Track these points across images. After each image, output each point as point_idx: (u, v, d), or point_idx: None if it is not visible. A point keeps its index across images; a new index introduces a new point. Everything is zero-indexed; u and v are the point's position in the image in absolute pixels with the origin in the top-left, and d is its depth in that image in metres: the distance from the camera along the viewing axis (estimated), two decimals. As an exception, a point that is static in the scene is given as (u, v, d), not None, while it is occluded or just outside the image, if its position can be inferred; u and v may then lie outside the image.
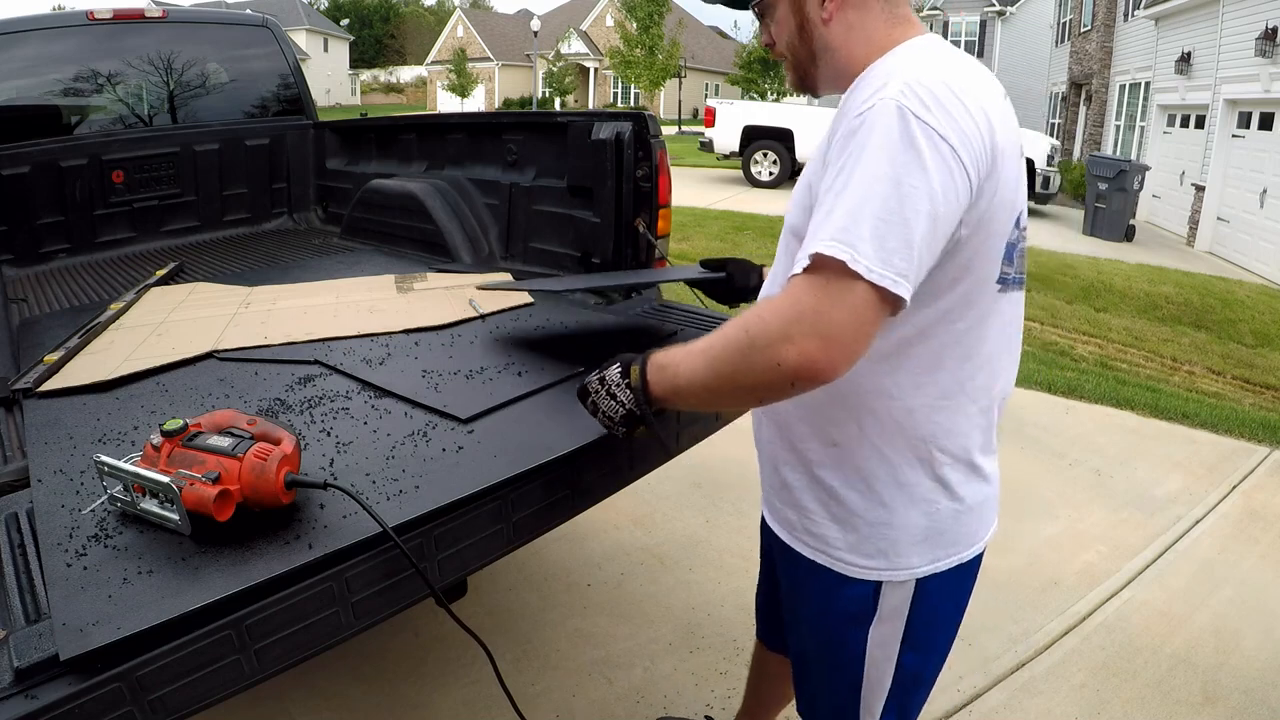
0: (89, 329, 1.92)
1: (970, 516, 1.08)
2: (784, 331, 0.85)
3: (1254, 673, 2.21)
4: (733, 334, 0.91)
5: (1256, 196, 9.56)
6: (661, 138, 2.13)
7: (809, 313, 0.84)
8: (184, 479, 1.00)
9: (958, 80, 0.91)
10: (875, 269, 0.82)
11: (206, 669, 0.88)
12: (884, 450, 1.04)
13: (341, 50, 48.05)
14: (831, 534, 1.10)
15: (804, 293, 0.85)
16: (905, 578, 1.08)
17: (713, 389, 0.96)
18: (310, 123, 3.58)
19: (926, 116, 0.86)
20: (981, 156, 0.89)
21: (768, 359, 0.86)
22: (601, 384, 1.09)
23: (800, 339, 0.84)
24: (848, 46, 1.03)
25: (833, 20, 1.03)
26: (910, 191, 0.84)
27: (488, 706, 1.98)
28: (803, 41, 1.07)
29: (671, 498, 3.04)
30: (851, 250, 0.83)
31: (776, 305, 0.87)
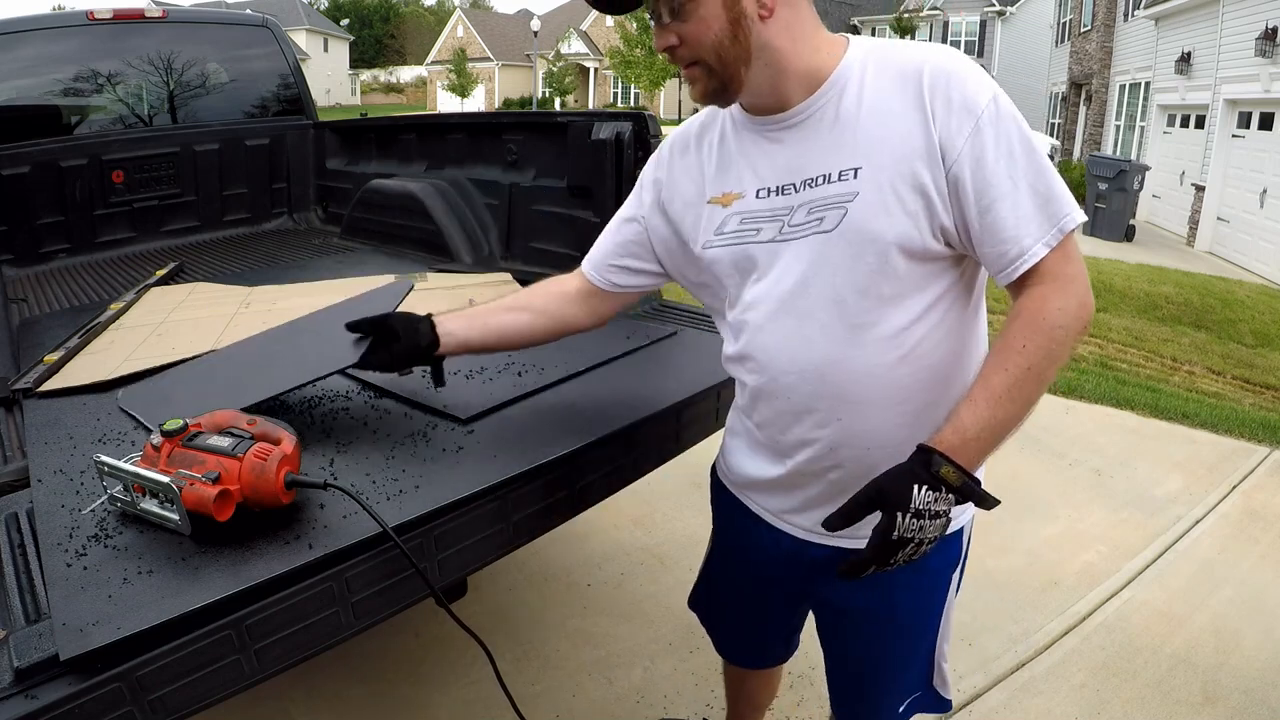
0: (89, 329, 1.92)
1: None
2: (1080, 295, 0.95)
3: (1254, 673, 2.21)
4: (1037, 353, 0.93)
5: (1256, 196, 9.56)
6: (661, 138, 2.13)
7: (1079, 270, 0.96)
8: (184, 479, 1.00)
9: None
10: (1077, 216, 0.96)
11: (206, 669, 0.88)
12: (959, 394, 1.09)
13: (341, 50, 48.05)
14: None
15: (1069, 265, 0.95)
16: (970, 515, 1.20)
17: (1031, 406, 0.96)
18: (310, 123, 3.58)
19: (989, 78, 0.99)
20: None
21: (1072, 327, 0.94)
22: (917, 517, 0.90)
23: (1087, 294, 0.96)
24: (789, 46, 0.99)
25: (772, 17, 0.98)
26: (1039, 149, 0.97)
27: (488, 706, 1.98)
28: (736, 40, 0.98)
29: (671, 498, 3.04)
30: (1073, 211, 0.96)
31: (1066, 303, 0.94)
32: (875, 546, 0.90)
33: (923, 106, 0.96)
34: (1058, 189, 0.95)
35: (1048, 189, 0.94)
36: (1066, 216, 0.94)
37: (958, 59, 0.98)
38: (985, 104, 0.94)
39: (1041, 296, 0.94)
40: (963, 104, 0.94)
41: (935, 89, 0.96)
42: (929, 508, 0.89)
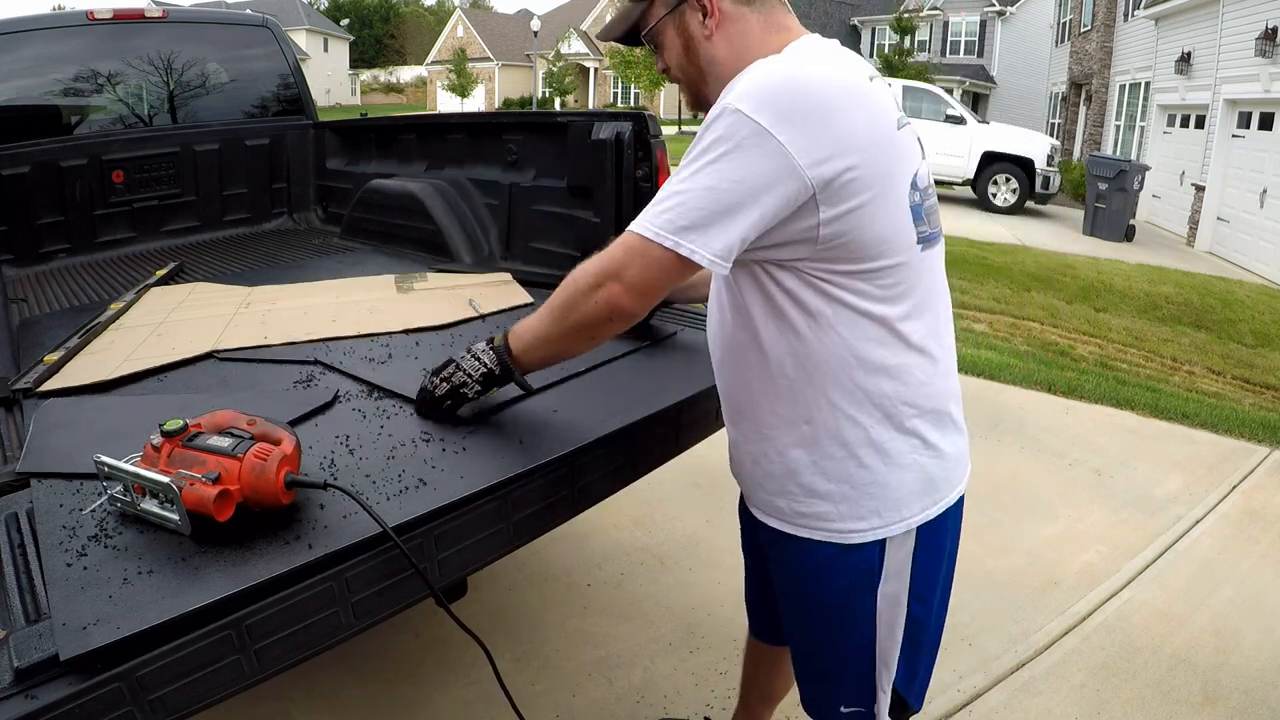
0: (89, 329, 1.92)
1: (950, 462, 1.16)
2: (599, 279, 1.05)
3: (1254, 673, 2.21)
4: (563, 286, 1.11)
5: (1256, 196, 9.56)
6: (661, 138, 2.13)
7: (617, 266, 1.04)
8: (184, 479, 1.00)
9: (804, 77, 1.00)
10: (689, 248, 0.99)
11: (206, 669, 0.88)
12: (855, 415, 1.09)
13: (341, 50, 48.04)
14: (824, 508, 1.14)
15: (621, 253, 1.04)
16: (905, 529, 1.13)
17: (559, 339, 1.16)
18: (310, 123, 3.58)
19: (763, 119, 0.96)
20: (811, 148, 0.96)
21: (588, 304, 1.07)
22: (467, 352, 1.25)
23: (610, 285, 1.04)
24: (730, 58, 1.10)
25: (714, 35, 1.11)
26: (731, 182, 0.97)
27: (488, 706, 1.98)
28: (690, 60, 1.14)
29: (671, 498, 3.04)
30: (677, 238, 0.99)
31: (596, 260, 1.07)
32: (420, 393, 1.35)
33: None
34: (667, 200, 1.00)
35: (664, 196, 1.01)
36: (645, 224, 1.01)
37: (755, 77, 1.00)
38: (710, 119, 1.01)
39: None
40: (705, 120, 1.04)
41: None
42: (476, 350, 1.26)
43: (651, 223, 1.00)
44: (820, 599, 1.20)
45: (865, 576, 1.15)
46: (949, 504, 1.16)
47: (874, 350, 1.07)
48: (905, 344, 1.08)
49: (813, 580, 1.20)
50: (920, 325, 1.09)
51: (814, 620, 1.24)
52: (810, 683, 1.32)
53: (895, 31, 26.39)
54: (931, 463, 1.13)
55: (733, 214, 0.97)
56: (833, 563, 1.15)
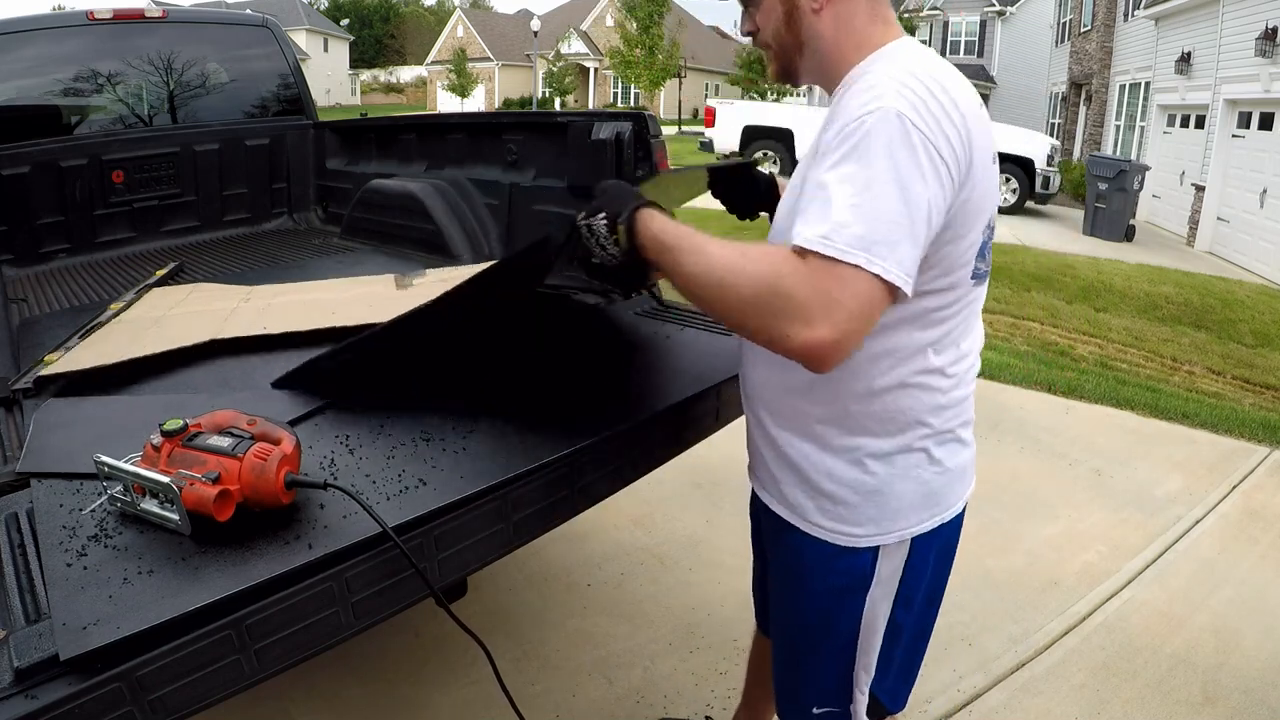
0: (89, 329, 1.92)
1: (953, 477, 1.16)
2: (805, 310, 0.88)
3: (1254, 673, 2.21)
4: (755, 274, 0.92)
5: (1256, 196, 9.56)
6: (661, 138, 2.13)
7: (830, 299, 0.88)
8: (184, 479, 1.00)
9: (946, 89, 0.97)
10: (894, 271, 0.89)
11: (206, 669, 0.88)
12: (868, 424, 1.10)
13: (341, 50, 48.05)
14: (826, 507, 1.16)
15: (827, 278, 0.88)
16: (899, 539, 1.15)
17: (710, 299, 0.98)
18: (310, 123, 3.58)
19: (924, 127, 0.92)
20: (961, 164, 0.96)
21: (779, 328, 0.90)
22: (590, 233, 1.07)
23: (818, 324, 0.88)
24: (835, 37, 1.08)
25: (822, 10, 1.08)
26: (913, 197, 0.91)
27: (487, 706, 1.98)
28: (790, 30, 1.10)
29: (671, 498, 3.04)
30: (868, 255, 0.88)
31: (803, 279, 0.89)
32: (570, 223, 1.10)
33: (830, 116, 1.02)
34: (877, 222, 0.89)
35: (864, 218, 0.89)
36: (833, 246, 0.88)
37: (891, 81, 0.95)
38: (857, 115, 0.94)
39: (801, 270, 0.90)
40: (843, 113, 0.97)
41: (841, 100, 1.02)
42: (598, 233, 1.05)
43: (856, 243, 0.88)
44: (810, 594, 1.22)
45: (856, 580, 1.17)
46: (947, 518, 1.17)
47: (899, 367, 1.07)
48: (930, 367, 1.08)
49: (805, 575, 1.22)
50: (949, 353, 1.10)
51: (800, 614, 1.26)
52: (787, 679, 1.33)
53: (895, 31, 26.34)
54: (935, 477, 1.13)
55: (920, 223, 0.92)
56: (827, 562, 1.17)
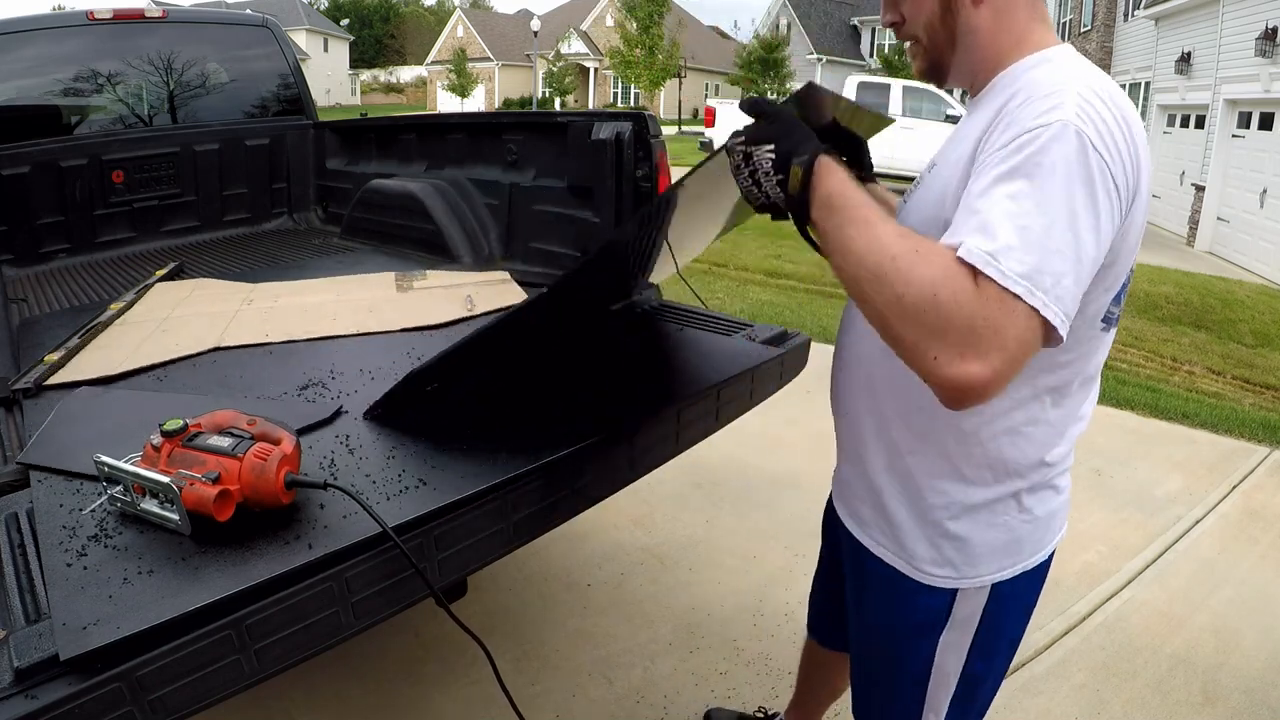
0: (89, 329, 1.92)
1: (1041, 526, 1.09)
2: (963, 335, 0.77)
3: (1254, 673, 2.21)
4: (922, 276, 0.79)
5: (1256, 196, 9.55)
6: (661, 138, 2.13)
7: (993, 331, 0.77)
8: (184, 479, 1.00)
9: (1123, 110, 0.86)
10: (1058, 311, 0.79)
11: (206, 669, 0.88)
12: (962, 468, 1.04)
13: (341, 50, 48.03)
14: (908, 541, 1.11)
15: (996, 307, 0.77)
16: (980, 584, 1.09)
17: (860, 282, 0.84)
18: (310, 123, 3.58)
19: (1104, 151, 0.82)
20: (1128, 197, 0.86)
21: (928, 345, 0.78)
22: (747, 162, 0.92)
23: (974, 356, 0.77)
24: (993, 34, 0.99)
25: (983, 3, 0.98)
26: (1084, 229, 0.80)
27: (487, 706, 1.98)
28: (945, 23, 1.01)
29: (671, 498, 3.04)
30: (1043, 295, 0.78)
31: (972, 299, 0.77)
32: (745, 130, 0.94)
33: (994, 116, 0.90)
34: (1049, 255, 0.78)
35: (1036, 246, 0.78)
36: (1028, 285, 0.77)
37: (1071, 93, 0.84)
38: (1033, 125, 0.82)
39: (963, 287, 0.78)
40: (1017, 120, 0.85)
41: (1012, 103, 0.89)
42: (760, 165, 0.91)
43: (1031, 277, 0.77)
44: (884, 626, 1.19)
45: (930, 619, 1.12)
46: (1031, 565, 1.11)
47: (1014, 412, 1.00)
48: (1043, 419, 1.01)
49: (883, 605, 1.18)
50: (1066, 406, 1.02)
51: (874, 643, 1.23)
52: (861, 698, 1.31)
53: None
54: (1022, 525, 1.07)
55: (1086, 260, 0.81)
56: (903, 598, 1.13)
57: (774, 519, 2.91)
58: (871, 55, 31.13)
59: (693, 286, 2.03)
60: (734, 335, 1.88)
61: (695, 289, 2.08)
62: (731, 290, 6.77)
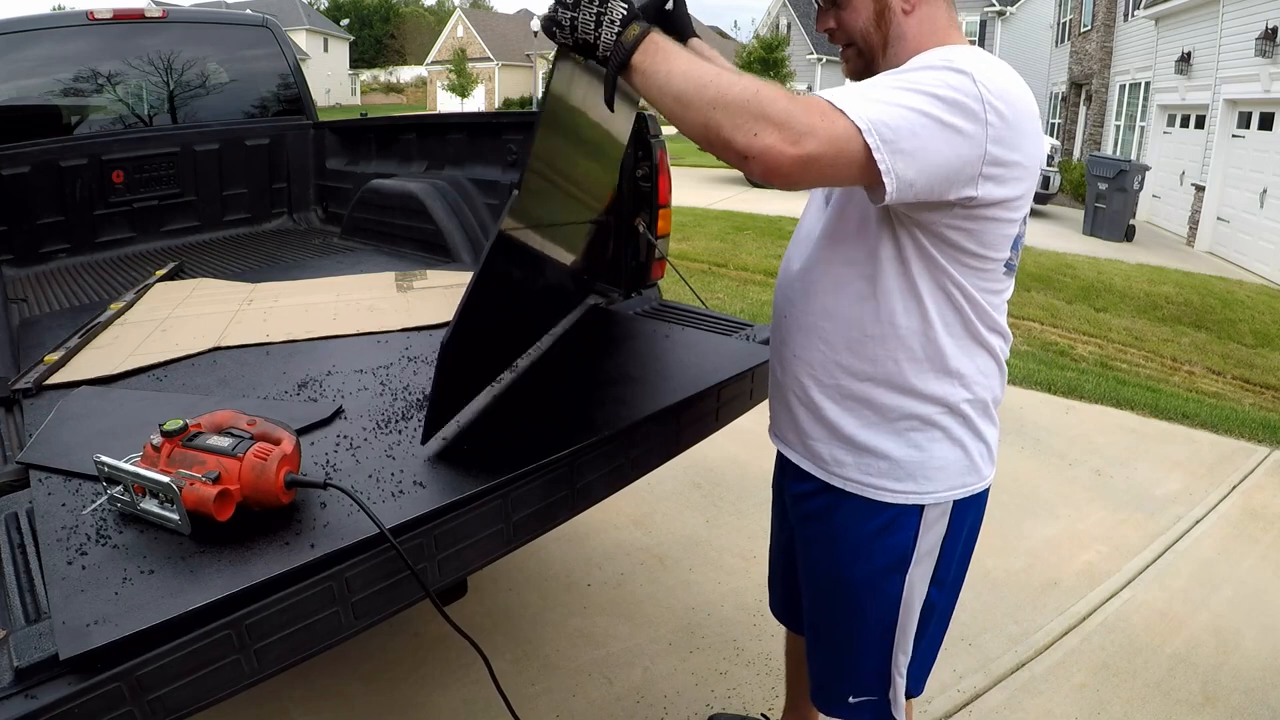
0: (89, 329, 1.92)
1: (987, 449, 1.20)
2: (781, 120, 0.90)
3: (1254, 673, 2.21)
4: (747, 81, 0.93)
5: (1256, 196, 9.55)
6: (661, 138, 2.13)
7: (809, 125, 0.91)
8: (184, 479, 1.00)
9: (1012, 75, 1.00)
10: (881, 150, 0.91)
11: (206, 669, 0.88)
12: (917, 385, 1.13)
13: (341, 50, 48.02)
14: (871, 463, 1.17)
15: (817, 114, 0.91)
16: (940, 501, 1.17)
17: (683, 94, 0.96)
18: (310, 123, 3.58)
19: (983, 80, 0.95)
20: (1010, 130, 0.97)
21: (748, 124, 0.91)
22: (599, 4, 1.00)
23: (787, 137, 0.90)
24: (918, 38, 1.10)
25: (913, 12, 1.10)
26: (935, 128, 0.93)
27: (487, 706, 1.98)
28: (879, 29, 1.12)
29: (671, 498, 3.04)
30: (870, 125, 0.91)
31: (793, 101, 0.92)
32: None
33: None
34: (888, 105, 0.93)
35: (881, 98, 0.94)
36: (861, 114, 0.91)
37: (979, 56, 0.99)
38: (923, 60, 1.00)
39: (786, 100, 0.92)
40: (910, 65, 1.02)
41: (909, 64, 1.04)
42: (614, 10, 0.99)
43: (868, 115, 0.92)
44: (849, 577, 1.23)
45: (898, 557, 1.19)
46: (981, 489, 1.21)
47: (954, 333, 1.12)
48: (982, 341, 1.14)
49: (846, 557, 1.23)
50: (995, 333, 1.15)
51: (838, 600, 1.26)
52: (823, 668, 1.33)
53: (895, 31, 26.36)
54: (975, 445, 1.18)
55: (930, 155, 0.94)
56: (869, 539, 1.19)
57: (774, 519, 2.91)
58: (871, 55, 31.09)
59: (692, 286, 2.03)
60: (734, 335, 1.88)
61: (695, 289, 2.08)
62: (731, 290, 6.77)
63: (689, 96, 0.95)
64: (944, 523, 1.19)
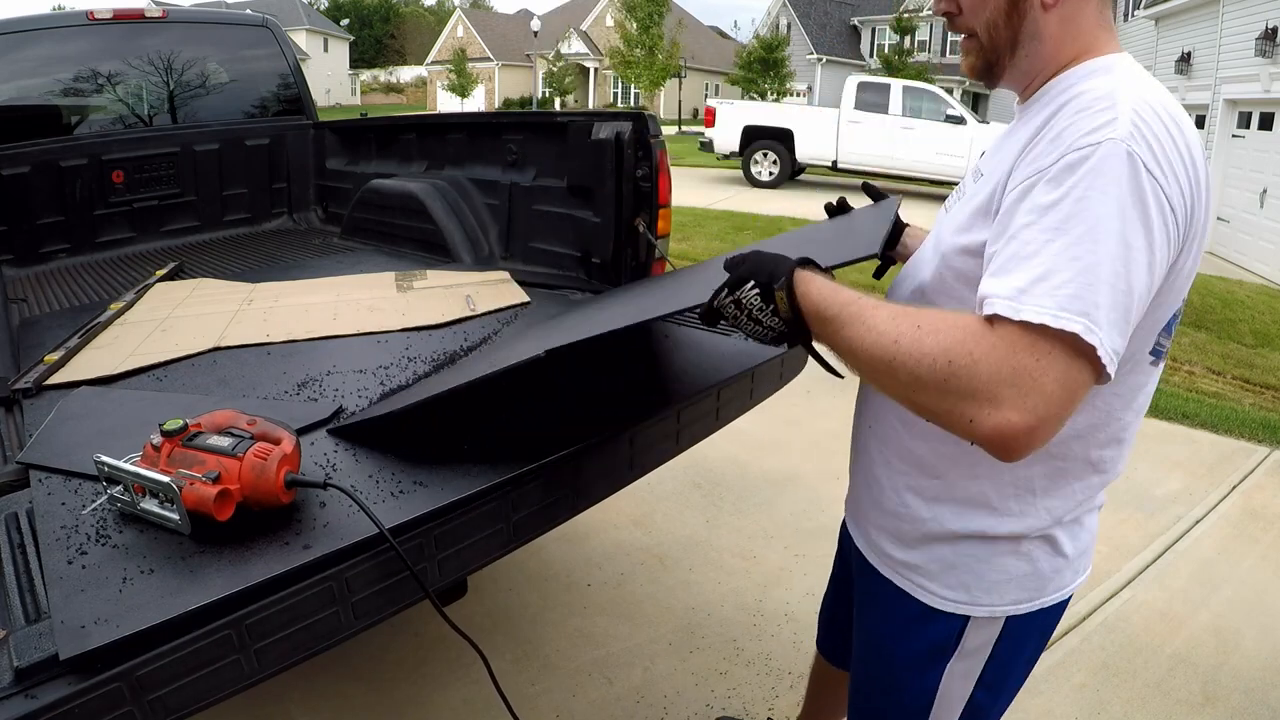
0: (89, 329, 1.92)
1: (1067, 565, 1.04)
2: (992, 391, 0.74)
3: (1254, 673, 2.21)
4: (931, 349, 0.78)
5: (1256, 196, 9.56)
6: (661, 138, 2.13)
7: (1025, 378, 0.74)
8: (184, 479, 1.00)
9: (1182, 130, 0.81)
10: (1107, 347, 0.74)
11: (206, 669, 0.88)
12: (992, 498, 0.99)
13: (341, 50, 48.03)
14: (920, 562, 1.07)
15: (1024, 353, 0.74)
16: (993, 615, 1.04)
17: (875, 374, 0.85)
18: (310, 123, 3.58)
19: (1158, 173, 0.77)
20: (1184, 224, 0.81)
21: (960, 410, 0.76)
22: (739, 308, 0.93)
23: (1009, 407, 0.74)
24: (1058, 41, 0.91)
25: (1056, 7, 0.90)
26: (1137, 259, 0.76)
27: (488, 706, 1.98)
28: (1009, 24, 0.93)
29: (671, 498, 3.04)
30: (1087, 321, 0.73)
31: (990, 352, 0.75)
32: (707, 301, 0.96)
33: (1041, 127, 0.86)
34: (1097, 287, 0.74)
35: (1082, 277, 0.74)
36: (1068, 316, 0.73)
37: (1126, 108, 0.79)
38: (1082, 144, 0.78)
39: (982, 343, 0.76)
40: (1064, 136, 0.81)
41: (1060, 116, 0.84)
42: (751, 305, 0.91)
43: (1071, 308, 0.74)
44: (889, 652, 1.15)
45: (938, 647, 1.08)
46: (1049, 604, 1.05)
47: (1053, 460, 0.95)
48: (1083, 456, 0.96)
49: (887, 630, 1.14)
50: (1113, 444, 0.97)
51: (877, 669, 1.19)
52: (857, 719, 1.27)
53: (895, 31, 26.39)
54: (1048, 560, 1.02)
55: (1133, 297, 0.76)
56: (914, 622, 1.09)
57: (774, 519, 2.91)
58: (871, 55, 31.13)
59: (693, 286, 2.02)
60: (733, 335, 1.88)
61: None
62: (731, 290, 6.76)
63: (876, 371, 0.83)
64: (994, 630, 1.05)
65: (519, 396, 1.48)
